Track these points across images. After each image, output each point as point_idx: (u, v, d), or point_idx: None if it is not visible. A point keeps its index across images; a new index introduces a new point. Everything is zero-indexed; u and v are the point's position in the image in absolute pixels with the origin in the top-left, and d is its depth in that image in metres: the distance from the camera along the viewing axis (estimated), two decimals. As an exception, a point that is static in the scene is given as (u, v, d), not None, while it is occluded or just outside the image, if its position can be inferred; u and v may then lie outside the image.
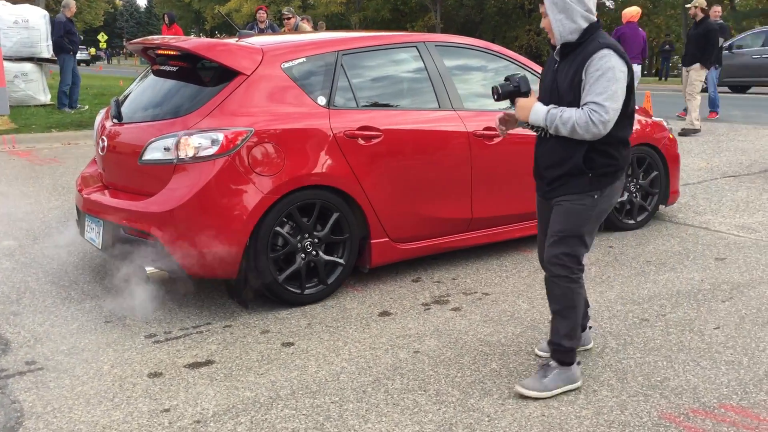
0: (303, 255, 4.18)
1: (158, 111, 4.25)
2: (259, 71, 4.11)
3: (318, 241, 4.22)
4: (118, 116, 4.39)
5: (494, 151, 4.78)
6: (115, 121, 4.41)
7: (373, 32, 5.01)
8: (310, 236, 4.18)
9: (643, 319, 4.00)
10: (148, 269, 3.98)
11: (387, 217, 4.43)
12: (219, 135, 3.90)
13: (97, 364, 3.50)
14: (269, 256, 4.04)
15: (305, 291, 4.22)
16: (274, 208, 4.01)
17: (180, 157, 3.91)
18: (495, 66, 5.10)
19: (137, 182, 4.16)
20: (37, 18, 13.31)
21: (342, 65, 4.38)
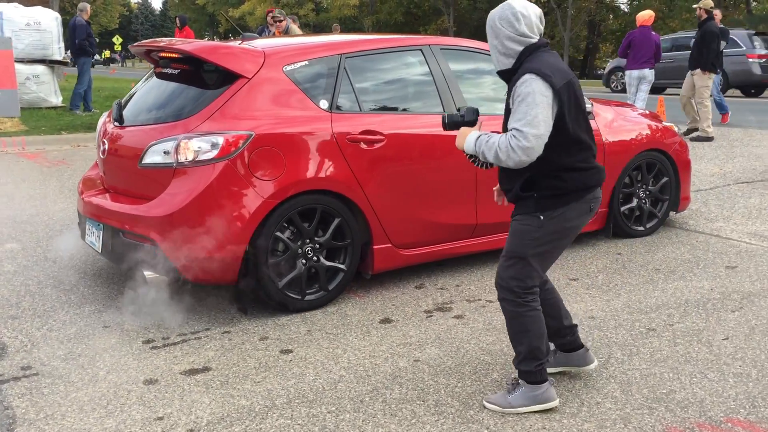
0: (304, 260, 4.12)
1: (159, 114, 4.21)
2: (261, 74, 4.07)
3: (319, 247, 4.16)
4: (120, 119, 4.36)
5: (500, 156, 4.70)
6: (117, 124, 4.37)
7: (378, 35, 4.96)
8: (311, 241, 4.13)
9: (650, 329, 3.91)
10: (147, 274, 3.94)
11: (390, 223, 4.37)
12: (219, 138, 3.86)
13: (93, 370, 3.45)
14: (269, 262, 3.98)
15: (306, 297, 4.16)
16: (275, 213, 3.96)
17: (179, 161, 3.87)
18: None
19: (137, 186, 4.13)
20: (49, 20, 13.37)
21: (345, 68, 4.32)
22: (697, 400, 3.13)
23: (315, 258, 4.15)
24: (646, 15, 11.02)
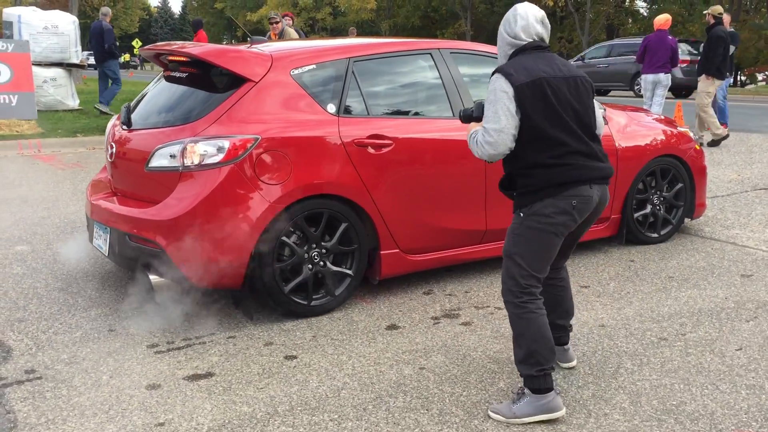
0: (310, 266, 4.09)
1: (167, 117, 4.20)
2: (268, 78, 4.04)
3: (326, 252, 4.12)
4: (128, 122, 4.35)
5: (510, 161, 4.64)
6: (125, 128, 4.37)
7: (387, 39, 4.92)
8: (318, 246, 4.09)
9: (662, 338, 3.84)
10: (153, 278, 3.93)
11: (397, 228, 4.32)
12: (225, 142, 3.83)
13: (96, 375, 3.44)
14: (275, 267, 3.95)
15: (312, 302, 4.13)
16: (281, 218, 3.93)
17: (185, 165, 3.85)
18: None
19: (144, 189, 4.11)
20: (67, 24, 13.48)
21: (353, 72, 4.29)
22: (708, 413, 3.06)
23: (321, 263, 4.12)
24: (663, 19, 10.90)
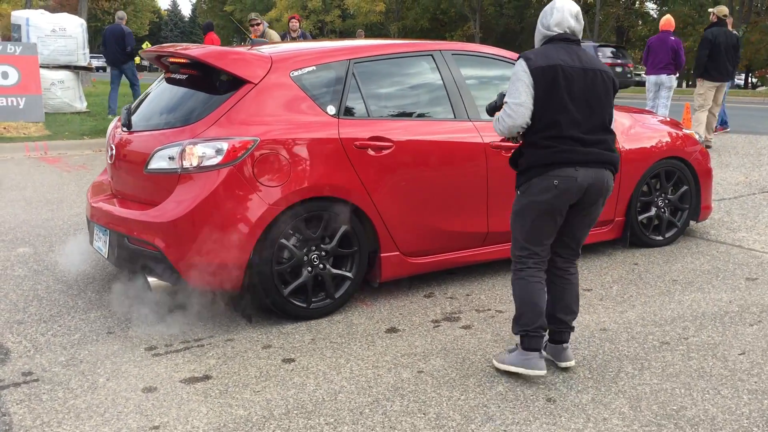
0: (309, 268, 4.06)
1: (166, 119, 4.19)
2: (267, 80, 4.02)
3: (325, 254, 4.10)
4: (128, 124, 4.35)
5: (512, 164, 4.61)
6: (125, 130, 4.36)
7: (388, 40, 4.90)
8: (317, 249, 4.07)
9: (664, 342, 3.79)
10: (152, 280, 3.92)
11: (398, 231, 4.29)
12: (223, 144, 3.82)
13: (93, 377, 3.43)
14: (274, 269, 3.94)
15: (311, 305, 4.10)
16: (280, 220, 3.91)
17: (184, 167, 3.84)
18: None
19: (143, 191, 4.11)
20: (75, 27, 13.54)
21: (353, 74, 4.26)
22: (709, 418, 3.01)
23: (321, 266, 4.09)
24: (664, 21, 10.86)
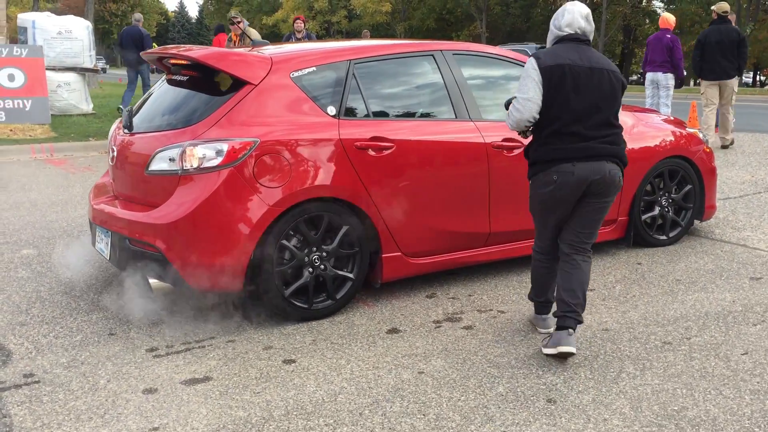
0: (310, 269, 4.06)
1: (167, 120, 4.20)
2: (267, 81, 4.02)
3: (326, 255, 4.10)
4: (129, 126, 4.36)
5: (514, 163, 4.59)
6: (126, 131, 4.37)
7: (388, 40, 4.89)
8: (318, 250, 4.07)
9: (666, 342, 3.78)
10: (153, 282, 3.92)
11: (399, 231, 4.29)
12: (223, 145, 3.82)
13: (94, 379, 3.43)
14: (275, 270, 3.94)
15: (313, 306, 4.10)
16: (281, 221, 3.91)
17: (185, 168, 3.84)
18: (514, 74, 4.92)
19: (145, 193, 4.11)
20: (81, 29, 13.59)
21: (354, 74, 4.26)
22: (710, 418, 3.00)
23: (322, 266, 4.09)
24: (662, 18, 10.87)
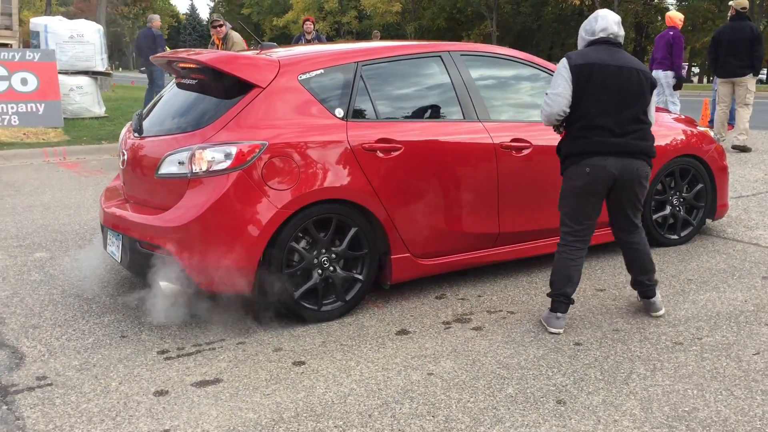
0: (320, 271, 4.07)
1: (177, 124, 4.22)
2: (275, 83, 4.04)
3: (335, 257, 4.11)
4: (139, 130, 4.39)
5: (523, 164, 4.59)
6: (136, 135, 4.40)
7: (396, 42, 4.89)
8: (327, 252, 4.08)
9: (677, 343, 3.76)
10: (163, 284, 3.95)
11: (408, 232, 4.29)
12: (232, 149, 3.84)
13: (106, 381, 3.46)
14: (284, 272, 3.95)
15: (322, 308, 4.12)
16: (289, 223, 3.93)
17: (194, 171, 3.87)
18: (523, 75, 4.92)
19: (155, 196, 4.14)
20: (92, 33, 13.69)
21: (361, 76, 4.27)
22: (721, 419, 2.98)
23: (331, 268, 4.10)
24: (666, 16, 10.84)
